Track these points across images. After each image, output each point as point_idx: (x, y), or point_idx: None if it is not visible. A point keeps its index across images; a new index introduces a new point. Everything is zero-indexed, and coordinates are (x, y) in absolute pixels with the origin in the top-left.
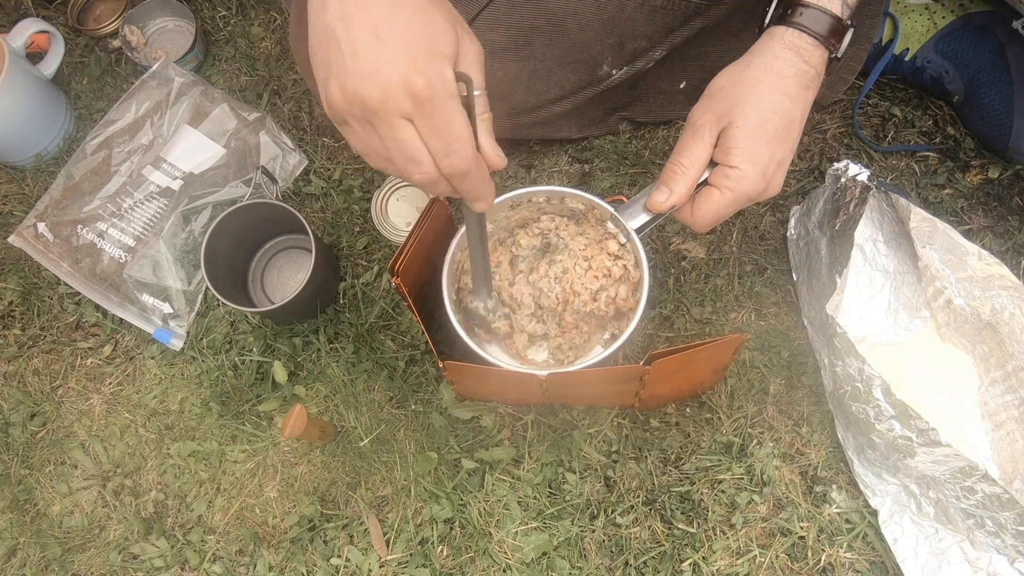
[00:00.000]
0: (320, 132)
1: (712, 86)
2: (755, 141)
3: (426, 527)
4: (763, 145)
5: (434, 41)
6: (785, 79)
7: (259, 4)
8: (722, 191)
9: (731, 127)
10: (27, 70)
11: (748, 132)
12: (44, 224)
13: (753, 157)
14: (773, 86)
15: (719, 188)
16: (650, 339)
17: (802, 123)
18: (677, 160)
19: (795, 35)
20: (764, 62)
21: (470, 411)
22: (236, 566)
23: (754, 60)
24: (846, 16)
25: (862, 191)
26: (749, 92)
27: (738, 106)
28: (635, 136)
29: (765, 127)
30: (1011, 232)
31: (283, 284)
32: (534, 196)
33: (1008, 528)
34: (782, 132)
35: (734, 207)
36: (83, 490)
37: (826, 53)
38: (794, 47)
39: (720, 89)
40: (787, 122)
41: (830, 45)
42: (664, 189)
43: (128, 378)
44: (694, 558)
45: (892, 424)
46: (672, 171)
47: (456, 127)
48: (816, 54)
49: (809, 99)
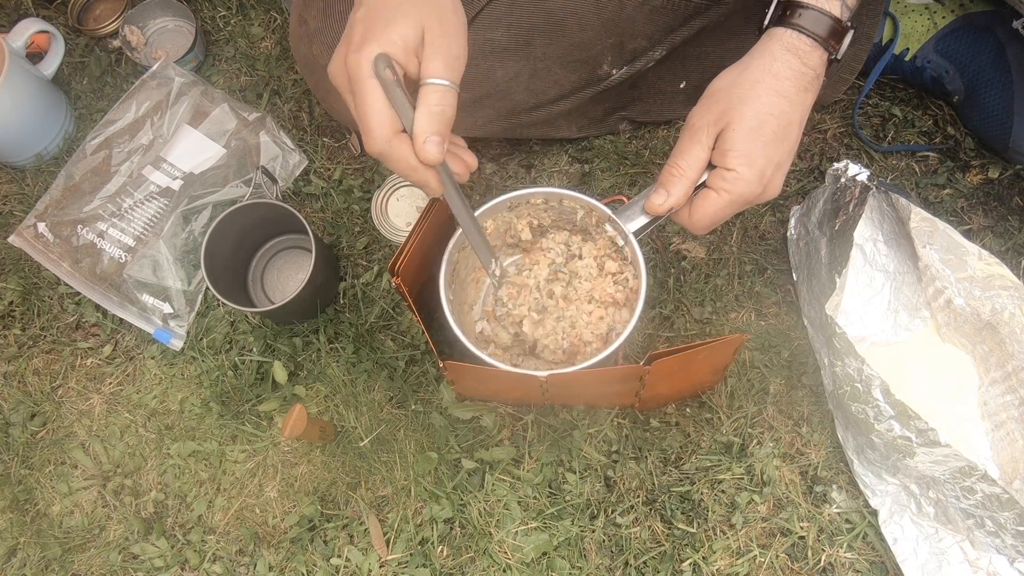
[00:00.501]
0: (320, 132)
1: (711, 88)
2: (752, 143)
3: (426, 527)
4: (760, 147)
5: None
6: (783, 81)
7: (259, 4)
8: (719, 193)
9: (728, 129)
10: (27, 70)
11: (745, 134)
12: (44, 224)
13: (750, 159)
14: (771, 88)
15: (716, 191)
16: (650, 339)
17: (801, 125)
18: (675, 163)
19: (794, 36)
20: (762, 64)
21: (470, 411)
22: (236, 566)
23: (753, 62)
24: (846, 18)
25: (862, 191)
26: (747, 94)
27: (736, 108)
28: (635, 136)
29: (762, 129)
30: (1011, 232)
31: (283, 284)
32: (532, 197)
33: (1008, 528)
34: (780, 134)
35: (731, 210)
36: (83, 490)
37: (825, 55)
38: (793, 48)
39: (718, 91)
40: (785, 124)
41: (829, 47)
42: (662, 192)
43: (128, 378)
44: (694, 558)
45: (891, 424)
46: (670, 173)
47: (366, 109)
48: (815, 56)
49: (808, 102)
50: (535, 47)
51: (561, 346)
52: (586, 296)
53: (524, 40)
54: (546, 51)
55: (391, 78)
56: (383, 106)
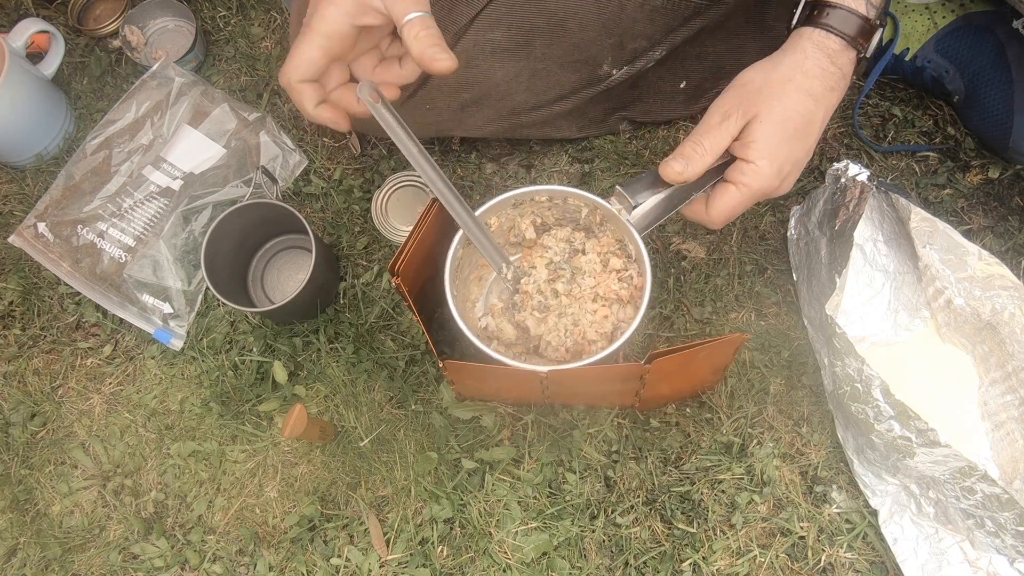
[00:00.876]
0: (320, 132)
1: (741, 78)
2: (775, 139)
3: (426, 527)
4: (783, 143)
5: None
6: (812, 80)
7: (259, 4)
8: (738, 187)
9: (755, 121)
10: (27, 70)
11: (770, 129)
12: (44, 224)
13: (771, 154)
14: (800, 86)
15: (735, 184)
16: (650, 339)
17: (823, 125)
18: (699, 140)
19: (823, 36)
20: (795, 61)
21: (470, 411)
22: (236, 566)
23: (785, 58)
24: (872, 16)
25: (862, 191)
26: (777, 90)
27: (765, 102)
28: (635, 136)
29: (786, 126)
30: (1011, 232)
31: (283, 284)
32: (536, 195)
33: (1008, 528)
34: (802, 132)
35: (748, 202)
36: (83, 490)
37: (854, 54)
38: (824, 48)
39: (750, 82)
40: (808, 123)
41: (858, 45)
42: (682, 160)
43: (128, 378)
44: (694, 558)
45: (891, 424)
46: (692, 148)
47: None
48: (844, 56)
49: (833, 102)
50: (535, 47)
51: (564, 343)
52: (590, 293)
53: (524, 40)
54: (546, 51)
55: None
56: (317, 55)
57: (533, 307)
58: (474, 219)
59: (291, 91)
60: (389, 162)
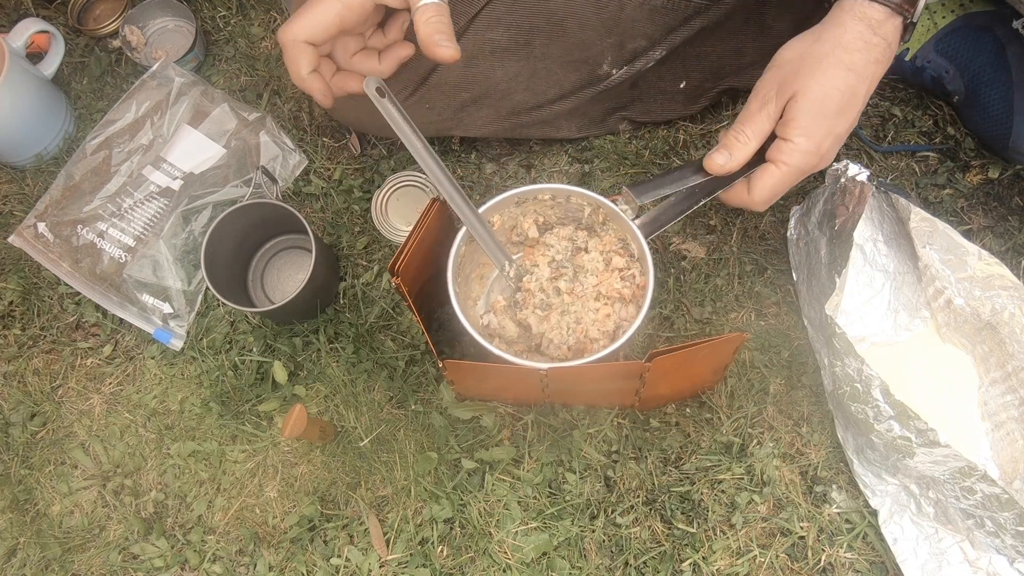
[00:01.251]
0: (320, 132)
1: (779, 57)
2: (815, 116)
3: (426, 527)
4: (823, 120)
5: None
6: (853, 53)
7: (259, 4)
8: (778, 166)
9: (794, 99)
10: (27, 70)
11: (809, 106)
12: (44, 224)
13: (809, 132)
14: (839, 60)
15: (776, 163)
16: (650, 339)
17: (866, 97)
18: (741, 129)
19: (866, 6)
20: (834, 35)
21: (470, 411)
22: (236, 566)
23: (823, 32)
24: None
25: (862, 191)
26: (815, 67)
27: (803, 80)
28: (635, 136)
29: (826, 102)
30: (1011, 232)
31: (283, 284)
32: (540, 193)
33: (1008, 528)
34: (843, 107)
35: (790, 181)
36: (83, 490)
37: (900, 21)
38: (864, 19)
39: (788, 62)
40: (849, 97)
41: (904, 11)
42: (724, 152)
43: (128, 378)
44: (694, 558)
45: (891, 424)
46: (735, 138)
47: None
48: (889, 25)
49: (878, 74)
50: (535, 47)
51: (567, 341)
52: (592, 292)
53: (524, 40)
54: (546, 51)
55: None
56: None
57: (535, 305)
58: (478, 216)
59: (290, 48)
60: (389, 162)
